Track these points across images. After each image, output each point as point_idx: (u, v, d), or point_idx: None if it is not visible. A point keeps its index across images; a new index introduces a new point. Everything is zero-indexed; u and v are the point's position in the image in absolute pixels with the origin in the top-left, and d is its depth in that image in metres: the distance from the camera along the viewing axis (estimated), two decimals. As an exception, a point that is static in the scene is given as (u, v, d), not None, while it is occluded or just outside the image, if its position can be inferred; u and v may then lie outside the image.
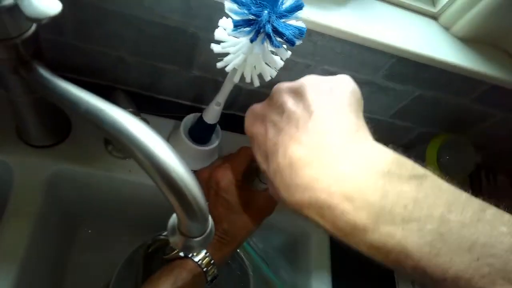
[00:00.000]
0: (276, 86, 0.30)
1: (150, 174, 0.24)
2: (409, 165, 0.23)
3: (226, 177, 0.44)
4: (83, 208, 0.58)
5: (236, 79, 0.32)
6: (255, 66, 0.31)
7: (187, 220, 0.26)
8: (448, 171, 0.60)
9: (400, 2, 0.46)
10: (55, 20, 0.29)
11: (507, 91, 0.50)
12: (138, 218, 0.60)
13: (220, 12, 0.41)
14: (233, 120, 0.62)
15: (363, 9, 0.43)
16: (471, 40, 0.47)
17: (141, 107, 0.54)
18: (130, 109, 0.40)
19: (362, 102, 0.29)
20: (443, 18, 0.47)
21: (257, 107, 0.31)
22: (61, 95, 0.29)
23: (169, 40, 0.47)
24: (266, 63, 0.32)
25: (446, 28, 0.47)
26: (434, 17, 0.47)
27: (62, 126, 0.48)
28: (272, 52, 0.31)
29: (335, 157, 0.24)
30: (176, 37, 0.46)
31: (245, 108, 0.62)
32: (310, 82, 0.28)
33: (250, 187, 0.47)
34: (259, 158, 0.29)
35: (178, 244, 0.29)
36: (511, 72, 0.47)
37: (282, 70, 0.54)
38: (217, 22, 0.31)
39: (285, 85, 0.29)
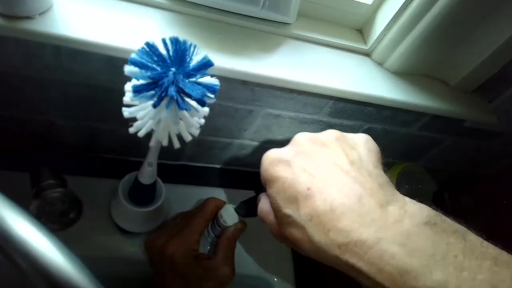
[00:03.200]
0: (300, 135, 0.31)
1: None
2: (449, 220, 0.24)
3: (181, 251, 0.41)
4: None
5: (152, 143, 0.30)
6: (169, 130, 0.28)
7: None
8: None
9: (331, 42, 0.45)
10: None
11: (449, 118, 0.50)
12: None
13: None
14: (183, 171, 0.59)
15: (294, 54, 0.43)
16: (405, 73, 0.47)
17: (80, 169, 0.50)
18: (51, 181, 0.37)
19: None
20: (375, 54, 0.47)
21: (278, 152, 0.30)
22: None
23: (99, 99, 0.45)
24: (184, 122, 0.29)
25: (380, 64, 0.47)
26: (367, 54, 0.48)
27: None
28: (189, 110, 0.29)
29: (380, 207, 0.25)
30: (106, 96, 0.44)
31: (193, 157, 0.60)
32: (335, 136, 0.30)
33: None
34: (280, 202, 0.28)
35: None
36: (448, 100, 0.48)
37: (224, 117, 0.52)
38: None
39: (309, 134, 0.31)
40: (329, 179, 0.26)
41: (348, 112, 0.51)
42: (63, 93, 0.43)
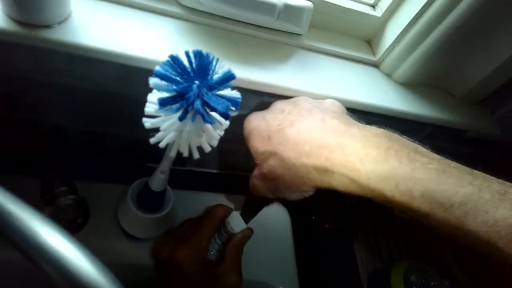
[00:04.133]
0: (275, 102, 0.38)
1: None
2: (403, 138, 0.30)
3: (189, 258, 0.41)
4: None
5: (173, 154, 0.30)
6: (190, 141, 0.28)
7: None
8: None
9: (341, 53, 0.46)
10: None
11: (451, 128, 0.51)
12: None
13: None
14: (189, 177, 0.59)
15: (305, 64, 0.43)
16: (412, 84, 0.48)
17: (87, 174, 0.50)
18: (63, 188, 0.36)
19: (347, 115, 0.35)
20: (384, 65, 0.48)
21: (257, 112, 0.36)
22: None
23: (109, 104, 0.45)
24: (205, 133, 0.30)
25: (388, 75, 0.48)
26: (375, 65, 0.48)
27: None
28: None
29: (342, 124, 0.30)
30: (115, 101, 0.44)
31: (200, 162, 0.60)
32: (303, 97, 0.37)
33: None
34: (258, 145, 0.33)
35: None
36: (452, 111, 0.49)
37: (233, 124, 0.52)
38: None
39: (283, 100, 0.37)
40: (298, 117, 0.32)
41: (354, 121, 0.52)
42: (72, 97, 0.43)
